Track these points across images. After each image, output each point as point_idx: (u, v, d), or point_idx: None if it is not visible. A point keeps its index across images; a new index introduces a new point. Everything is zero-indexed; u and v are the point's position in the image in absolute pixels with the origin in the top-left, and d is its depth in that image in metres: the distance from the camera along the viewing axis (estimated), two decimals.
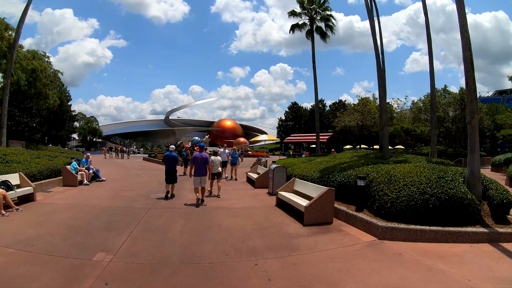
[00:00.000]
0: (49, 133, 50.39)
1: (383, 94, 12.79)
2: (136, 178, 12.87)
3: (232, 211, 6.81)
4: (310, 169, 9.53)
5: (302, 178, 9.12)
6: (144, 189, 9.82)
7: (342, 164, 9.47)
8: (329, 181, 7.59)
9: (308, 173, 9.15)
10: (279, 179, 9.37)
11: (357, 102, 33.32)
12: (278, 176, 9.38)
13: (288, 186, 7.83)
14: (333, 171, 8.17)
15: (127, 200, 7.92)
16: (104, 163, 21.66)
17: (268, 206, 7.52)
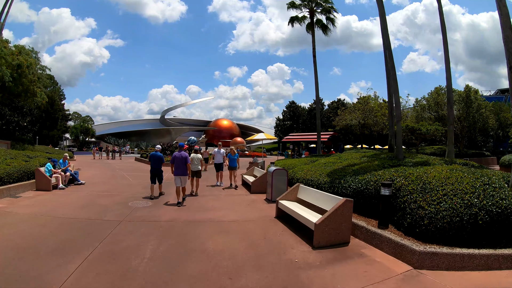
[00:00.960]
0: (40, 132, 48.86)
1: (395, 86, 11.62)
2: (120, 181, 11.56)
3: (222, 225, 5.52)
4: (315, 172, 8.28)
5: (306, 183, 7.88)
6: (124, 195, 8.51)
7: (352, 166, 8.23)
8: (341, 187, 6.34)
9: (314, 177, 7.90)
10: (279, 184, 8.12)
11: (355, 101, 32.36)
12: (278, 180, 8.12)
13: (291, 193, 6.55)
14: (344, 174, 6.92)
15: (99, 210, 6.62)
16: (92, 164, 20.29)
17: (266, 218, 6.24)
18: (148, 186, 8.51)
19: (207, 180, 11.77)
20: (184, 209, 6.83)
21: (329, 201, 5.10)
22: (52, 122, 49.69)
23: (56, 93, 57.40)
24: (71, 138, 50.58)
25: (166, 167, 9.72)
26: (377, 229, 4.65)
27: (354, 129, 31.50)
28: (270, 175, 8.19)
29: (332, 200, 5.01)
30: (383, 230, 4.63)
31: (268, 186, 8.40)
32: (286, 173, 8.31)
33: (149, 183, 8.37)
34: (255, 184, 9.41)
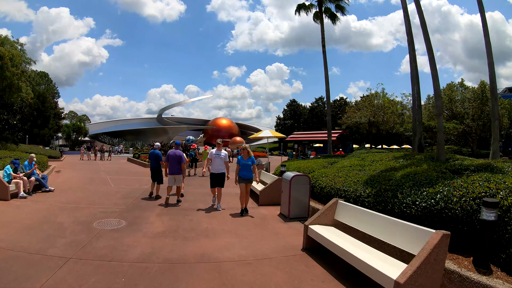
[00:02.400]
0: (31, 131, 46.72)
1: (435, 72, 9.90)
2: (98, 187, 9.51)
3: (223, 272, 3.42)
4: (346, 179, 6.30)
5: (338, 195, 5.91)
6: (94, 208, 6.48)
7: (395, 172, 6.30)
8: (399, 204, 4.37)
9: (347, 186, 5.91)
10: (300, 196, 6.14)
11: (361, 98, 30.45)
12: (297, 190, 6.12)
13: (326, 214, 4.53)
14: (398, 185, 4.93)
15: (50, 233, 4.62)
16: (75, 166, 18.20)
17: (289, 250, 4.24)
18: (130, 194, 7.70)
19: (202, 187, 9.78)
20: (170, 232, 4.81)
21: (407, 234, 3.10)
22: (43, 120, 47.50)
23: (50, 91, 55.31)
24: (62, 136, 48.38)
25: None
26: (477, 275, 2.72)
27: (362, 127, 29.54)
28: (286, 184, 6.18)
29: (416, 234, 3.00)
30: (486, 275, 2.70)
31: (283, 198, 6.41)
32: (308, 181, 6.29)
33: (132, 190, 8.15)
34: (264, 194, 7.41)
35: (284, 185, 6.37)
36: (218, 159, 6.79)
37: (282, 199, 6.52)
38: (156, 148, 8.46)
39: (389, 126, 30.61)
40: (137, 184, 10.07)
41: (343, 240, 3.78)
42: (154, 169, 7.91)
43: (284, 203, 6.35)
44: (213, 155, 6.84)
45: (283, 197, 6.40)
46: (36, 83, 54.68)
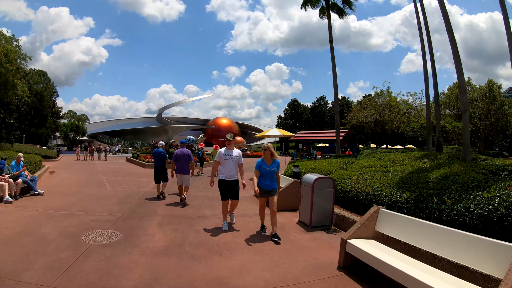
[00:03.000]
0: (28, 130, 45.82)
1: (459, 66, 9.24)
2: (93, 190, 8.67)
3: None
4: (374, 182, 5.55)
5: (367, 199, 5.14)
6: (86, 215, 5.65)
7: (428, 173, 5.58)
8: (450, 211, 3.70)
9: (377, 190, 5.16)
10: (323, 202, 5.36)
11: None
12: (320, 195, 5.33)
13: (366, 225, 3.74)
14: (441, 188, 4.23)
15: (28, 250, 3.81)
16: (71, 166, 17.35)
17: (323, 270, 3.44)
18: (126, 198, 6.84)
19: (206, 189, 8.95)
20: (174, 248, 3.99)
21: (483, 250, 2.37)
22: (41, 119, 46.58)
23: (48, 90, 54.37)
24: (60, 136, 47.45)
25: None
26: None
27: (367, 126, 28.73)
28: (307, 188, 5.38)
29: (497, 251, 2.24)
30: None
31: (303, 203, 5.61)
32: (332, 184, 5.49)
33: (130, 193, 7.50)
34: (278, 199, 6.58)
35: (304, 189, 5.56)
36: (229, 162, 5.10)
37: (301, 204, 5.72)
38: (160, 146, 8.13)
39: (395, 126, 29.86)
40: (135, 187, 9.25)
41: (395, 258, 3.03)
42: (158, 168, 7.59)
43: (305, 210, 5.55)
44: (223, 156, 5.13)
45: (303, 202, 5.60)
46: (34, 82, 53.75)
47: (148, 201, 7.10)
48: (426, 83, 15.97)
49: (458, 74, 9.69)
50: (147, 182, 10.33)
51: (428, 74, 16.45)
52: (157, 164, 7.69)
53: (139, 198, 7.39)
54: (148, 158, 17.24)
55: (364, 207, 5.33)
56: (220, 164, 5.21)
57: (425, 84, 16.03)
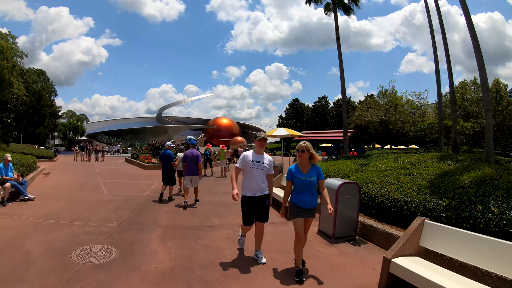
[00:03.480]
0: (26, 130, 45.07)
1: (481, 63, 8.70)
2: (89, 194, 8.00)
3: None
4: (402, 187, 4.96)
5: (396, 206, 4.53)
6: (78, 225, 4.99)
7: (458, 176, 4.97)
8: (498, 220, 3.40)
9: (407, 197, 4.60)
10: (348, 209, 4.76)
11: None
12: (346, 202, 4.73)
13: (411, 240, 3.12)
14: (483, 194, 3.72)
15: (4, 273, 3.15)
16: (67, 167, 16.66)
17: None
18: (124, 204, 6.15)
19: (211, 193, 8.30)
20: (181, 270, 3.32)
21: None
22: (39, 119, 45.82)
23: (46, 89, 53.64)
24: (59, 136, 46.71)
25: None
26: None
27: (372, 126, 28.07)
28: (331, 195, 4.71)
29: None
30: None
31: (324, 211, 4.95)
32: (358, 190, 4.86)
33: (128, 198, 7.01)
34: None
35: (326, 197, 4.91)
36: (258, 171, 3.68)
37: (321, 212, 5.08)
38: (168, 147, 7.85)
39: (399, 126, 29.24)
40: (134, 190, 8.57)
41: (448, 279, 2.53)
42: (166, 170, 7.39)
43: (326, 218, 4.92)
44: (249, 162, 3.69)
45: (324, 210, 4.94)
46: (32, 81, 53.08)
47: (148, 207, 6.44)
48: (438, 82, 15.39)
49: (480, 70, 9.12)
50: (147, 185, 9.66)
51: (440, 73, 15.84)
52: (165, 166, 7.43)
53: (138, 204, 6.72)
54: (148, 158, 16.56)
55: (393, 216, 4.72)
56: (244, 174, 3.75)
57: (437, 84, 15.46)
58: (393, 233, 4.28)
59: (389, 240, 4.23)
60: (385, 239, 4.38)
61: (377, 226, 4.67)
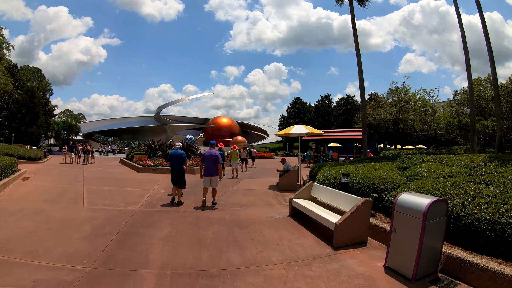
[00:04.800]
0: (19, 129, 43.18)
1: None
2: (64, 209, 6.25)
3: None
4: (494, 201, 3.34)
5: (493, 230, 2.91)
6: (29, 269, 3.29)
7: None
8: None
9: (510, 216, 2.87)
10: (433, 238, 3.18)
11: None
12: (432, 228, 3.12)
13: None
14: None
15: None
16: (53, 170, 14.88)
17: None
18: (102, 230, 4.47)
19: (224, 207, 6.62)
20: None
21: None
22: (31, 117, 43.92)
23: (41, 87, 51.77)
24: (52, 135, 44.81)
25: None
26: None
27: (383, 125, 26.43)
28: (414, 219, 3.07)
29: None
30: None
31: (397, 241, 3.29)
32: (446, 209, 3.24)
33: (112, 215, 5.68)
34: (344, 229, 4.21)
35: (403, 220, 3.25)
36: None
37: (392, 242, 3.41)
38: (178, 148, 7.30)
39: (411, 124, 27.67)
40: (122, 202, 6.84)
41: None
42: (176, 172, 6.90)
43: (399, 251, 3.27)
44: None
45: (397, 239, 3.29)
46: (26, 78, 51.30)
47: (137, 231, 4.73)
48: (469, 76, 13.77)
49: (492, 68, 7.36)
50: (139, 194, 7.97)
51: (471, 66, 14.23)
52: (174, 167, 6.90)
53: (124, 225, 5.01)
54: (143, 160, 14.85)
55: (491, 242, 3.21)
56: None
57: (468, 78, 13.85)
58: (501, 271, 2.81)
59: (495, 281, 2.84)
60: (489, 279, 2.92)
61: (472, 259, 3.12)
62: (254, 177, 12.80)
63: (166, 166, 13.17)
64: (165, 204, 6.77)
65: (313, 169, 10.70)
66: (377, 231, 4.68)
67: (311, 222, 5.36)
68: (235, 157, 13.17)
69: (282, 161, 10.33)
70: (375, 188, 5.65)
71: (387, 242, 4.40)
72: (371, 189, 5.72)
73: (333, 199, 5.33)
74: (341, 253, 4.01)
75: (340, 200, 5.08)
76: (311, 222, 5.39)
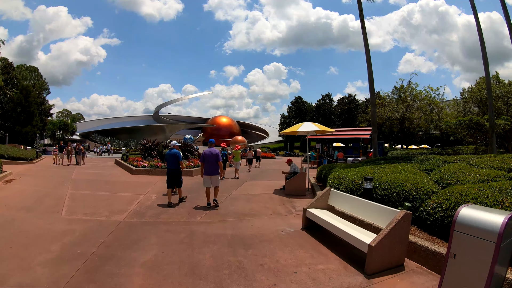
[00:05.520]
0: (14, 129, 42.15)
1: None
2: (37, 219, 5.31)
3: None
4: None
5: None
6: None
7: None
8: None
9: None
10: (502, 265, 2.20)
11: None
12: (504, 253, 2.16)
13: None
14: None
15: None
16: (41, 172, 13.93)
17: None
18: (72, 250, 3.64)
19: (225, 217, 5.71)
20: None
21: None
22: (26, 117, 42.85)
23: (37, 86, 50.77)
24: (48, 135, 43.79)
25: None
26: None
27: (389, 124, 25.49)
28: (482, 242, 2.13)
29: None
30: None
31: (454, 268, 2.36)
32: None
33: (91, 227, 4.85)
34: (380, 251, 3.30)
35: (465, 243, 2.33)
36: None
37: (448, 269, 2.48)
38: (174, 147, 7.11)
39: (417, 123, 26.76)
40: (105, 211, 5.88)
41: None
42: (172, 171, 6.81)
43: (462, 282, 2.33)
44: None
45: (456, 266, 2.37)
46: (22, 77, 50.33)
47: (115, 253, 3.76)
48: (486, 72, 12.91)
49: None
50: (128, 200, 7.02)
51: (487, 58, 13.36)
52: (171, 167, 6.81)
53: (102, 242, 4.07)
54: (137, 160, 13.90)
55: None
56: None
57: (485, 74, 12.99)
58: None
59: None
60: None
61: None
62: (257, 180, 11.88)
63: (161, 167, 12.26)
64: (155, 214, 5.83)
65: (321, 171, 9.78)
66: (414, 249, 3.79)
67: (331, 237, 4.45)
68: (237, 157, 12.77)
69: (288, 162, 9.40)
70: (406, 196, 4.74)
71: (428, 264, 3.53)
72: (400, 196, 4.81)
73: (358, 210, 4.40)
74: (377, 283, 3.10)
75: (368, 211, 4.17)
76: (330, 237, 4.47)
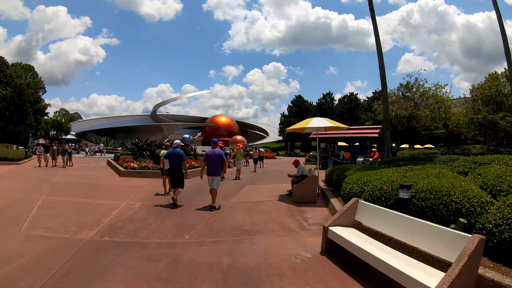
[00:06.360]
0: (6, 128, 40.88)
1: None
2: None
3: None
4: None
5: None
6: None
7: None
8: None
9: None
10: None
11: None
12: None
13: None
14: None
15: None
16: (23, 174, 12.73)
17: None
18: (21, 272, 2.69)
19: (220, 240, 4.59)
20: None
21: None
22: (20, 115, 41.55)
23: (32, 85, 49.55)
24: (41, 134, 42.53)
25: None
26: None
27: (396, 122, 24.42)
28: None
29: None
30: None
31: None
32: None
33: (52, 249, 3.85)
34: None
35: None
36: None
37: None
38: (177, 146, 6.89)
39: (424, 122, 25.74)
40: (75, 225, 4.71)
41: None
42: (174, 171, 6.65)
43: None
44: None
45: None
46: (17, 75, 49.10)
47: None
48: (508, 59, 11.85)
49: None
50: (105, 210, 5.84)
51: (509, 49, 12.34)
52: (173, 167, 6.67)
53: (51, 277, 2.93)
54: (127, 161, 12.76)
55: None
56: None
57: (509, 70, 11.94)
58: None
59: None
60: None
61: None
62: (258, 183, 10.67)
63: (152, 168, 11.12)
64: (133, 230, 4.64)
65: (331, 174, 8.68)
66: (479, 284, 2.71)
67: (364, 266, 3.33)
68: (239, 157, 12.05)
69: (295, 163, 8.24)
70: (457, 208, 3.64)
71: None
72: (449, 209, 3.70)
73: (402, 232, 3.16)
74: None
75: (422, 235, 2.93)
76: (363, 266, 3.36)
